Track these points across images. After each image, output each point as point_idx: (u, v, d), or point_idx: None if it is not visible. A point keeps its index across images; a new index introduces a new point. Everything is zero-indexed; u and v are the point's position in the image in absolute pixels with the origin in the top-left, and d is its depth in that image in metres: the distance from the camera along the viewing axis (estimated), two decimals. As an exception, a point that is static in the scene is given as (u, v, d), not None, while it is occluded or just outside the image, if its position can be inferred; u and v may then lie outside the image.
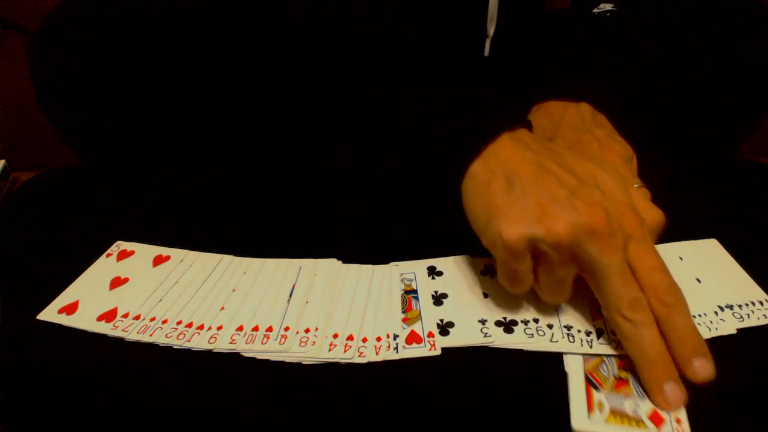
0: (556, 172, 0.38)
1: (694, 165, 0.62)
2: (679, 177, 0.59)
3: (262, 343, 0.40)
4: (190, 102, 0.61)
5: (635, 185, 0.43)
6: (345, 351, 0.39)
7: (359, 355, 0.39)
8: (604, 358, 0.37)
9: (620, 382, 0.36)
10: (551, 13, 0.62)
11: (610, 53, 0.53)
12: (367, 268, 0.46)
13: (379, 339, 0.40)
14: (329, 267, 0.46)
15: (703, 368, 0.35)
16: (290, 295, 0.44)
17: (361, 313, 0.42)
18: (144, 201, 0.57)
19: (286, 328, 0.41)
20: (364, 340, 0.40)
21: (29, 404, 0.37)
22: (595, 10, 0.55)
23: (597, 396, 0.35)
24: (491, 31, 0.59)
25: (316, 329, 0.41)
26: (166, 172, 0.61)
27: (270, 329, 0.41)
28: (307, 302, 0.43)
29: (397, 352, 0.39)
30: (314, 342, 0.40)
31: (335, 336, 0.40)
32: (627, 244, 0.36)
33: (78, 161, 0.69)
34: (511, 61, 0.59)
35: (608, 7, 0.55)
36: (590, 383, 0.36)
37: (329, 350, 0.39)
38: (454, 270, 0.46)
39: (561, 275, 0.38)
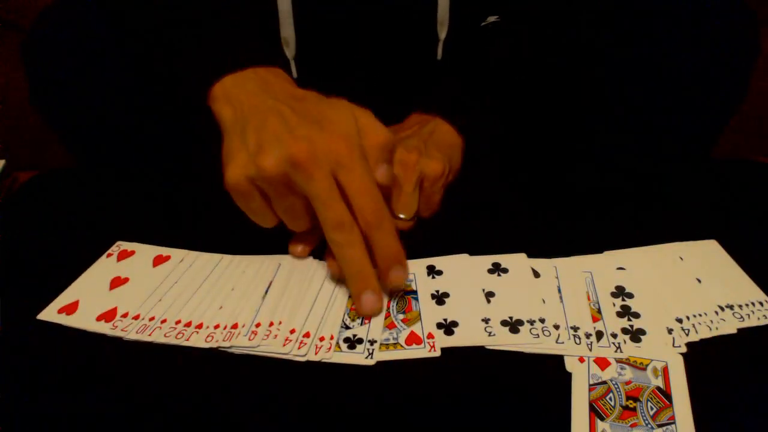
0: (284, 113, 0.42)
1: (694, 165, 0.62)
2: (679, 177, 0.59)
3: (249, 339, 0.40)
4: (183, 102, 0.61)
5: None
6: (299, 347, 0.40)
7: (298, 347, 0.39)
8: (612, 387, 0.37)
9: (627, 411, 0.35)
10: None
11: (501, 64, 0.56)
12: None
13: (322, 339, 0.40)
14: (298, 264, 0.47)
15: (396, 276, 0.41)
16: (266, 292, 0.44)
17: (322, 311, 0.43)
18: (144, 201, 0.57)
19: (257, 325, 0.41)
20: (321, 338, 0.40)
21: (29, 404, 0.37)
22: (483, 24, 0.58)
23: (601, 425, 0.35)
24: (442, 35, 0.60)
25: (280, 322, 0.41)
26: (166, 172, 0.61)
27: (236, 326, 0.41)
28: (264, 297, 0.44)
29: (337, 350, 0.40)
30: (276, 336, 0.40)
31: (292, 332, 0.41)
32: (337, 172, 0.40)
33: (76, 162, 0.69)
34: (465, 64, 0.60)
35: (492, 19, 0.58)
36: (595, 412, 0.35)
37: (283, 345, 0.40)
38: (454, 269, 0.46)
39: (285, 205, 0.42)
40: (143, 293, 0.44)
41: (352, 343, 0.40)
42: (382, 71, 0.61)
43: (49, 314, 0.43)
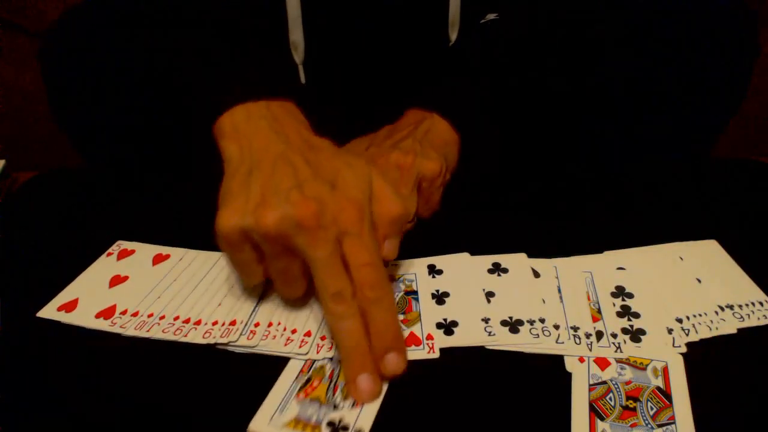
0: (295, 164, 0.39)
1: (694, 165, 0.62)
2: (679, 177, 0.59)
3: (247, 339, 0.40)
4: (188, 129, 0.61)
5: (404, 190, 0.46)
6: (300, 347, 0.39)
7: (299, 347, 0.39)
8: (612, 387, 0.37)
9: (627, 411, 0.35)
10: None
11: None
12: None
13: (323, 338, 0.40)
14: None
15: (391, 362, 0.36)
16: (265, 290, 0.44)
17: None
18: (144, 201, 0.57)
19: (256, 324, 0.41)
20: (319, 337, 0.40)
21: (29, 404, 0.37)
22: (482, 21, 0.58)
23: (601, 425, 0.35)
24: (453, 36, 0.59)
25: (279, 323, 0.41)
26: (169, 172, 0.61)
27: (233, 323, 0.41)
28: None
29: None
30: (274, 336, 0.40)
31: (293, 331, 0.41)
32: (342, 239, 0.37)
33: (86, 164, 0.69)
34: (464, 61, 0.60)
35: (492, 16, 0.58)
36: (595, 412, 0.35)
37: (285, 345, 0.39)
38: (454, 268, 0.46)
39: (280, 266, 0.38)
40: (142, 291, 0.45)
41: (336, 429, 0.34)
42: (393, 75, 0.61)
43: (49, 312, 0.43)
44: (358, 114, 0.57)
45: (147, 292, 0.44)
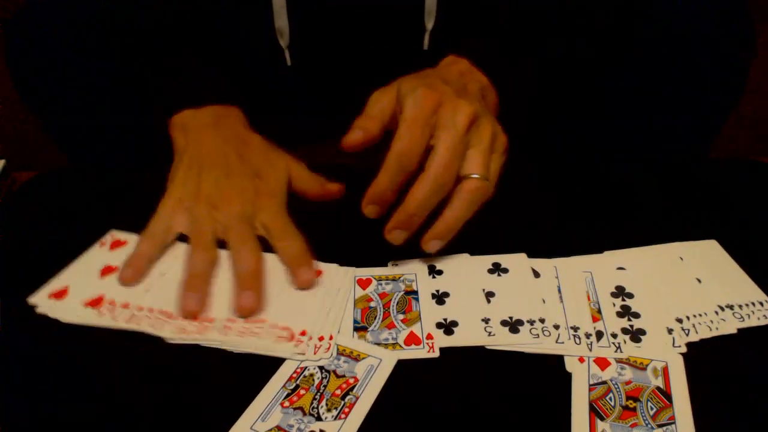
0: (227, 155, 0.50)
1: (694, 165, 0.62)
2: (679, 177, 0.59)
3: (240, 336, 0.40)
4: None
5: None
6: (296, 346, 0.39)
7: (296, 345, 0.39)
8: (612, 387, 0.37)
9: (627, 411, 0.35)
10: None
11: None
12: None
13: (321, 338, 0.40)
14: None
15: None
16: None
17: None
18: (143, 201, 0.56)
19: (260, 320, 0.41)
20: (321, 338, 0.40)
21: (28, 404, 0.37)
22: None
23: (601, 425, 0.35)
24: (429, 25, 0.60)
25: (276, 323, 0.41)
26: (165, 171, 0.60)
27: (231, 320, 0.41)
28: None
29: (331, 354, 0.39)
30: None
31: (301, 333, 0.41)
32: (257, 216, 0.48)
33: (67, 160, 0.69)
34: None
35: None
36: (595, 412, 0.35)
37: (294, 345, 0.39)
38: (454, 269, 0.46)
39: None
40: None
41: None
42: (371, 61, 0.62)
43: (40, 299, 0.43)
44: (342, 93, 0.57)
45: (137, 283, 0.44)
